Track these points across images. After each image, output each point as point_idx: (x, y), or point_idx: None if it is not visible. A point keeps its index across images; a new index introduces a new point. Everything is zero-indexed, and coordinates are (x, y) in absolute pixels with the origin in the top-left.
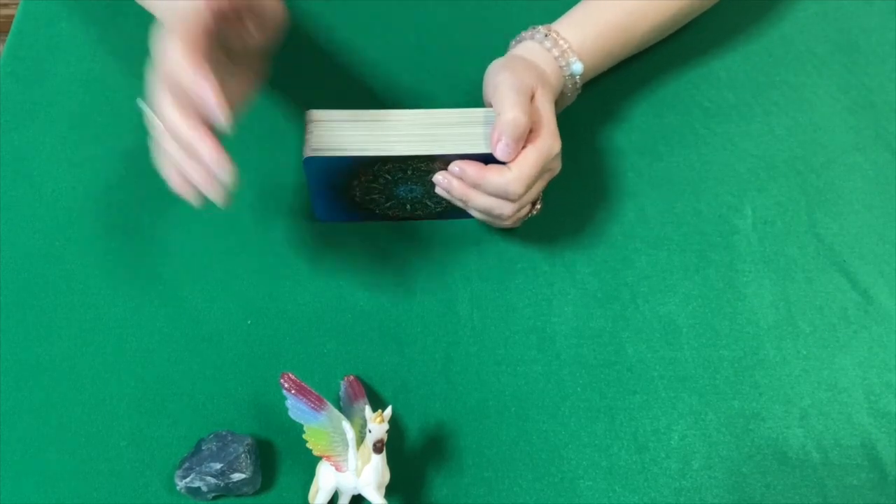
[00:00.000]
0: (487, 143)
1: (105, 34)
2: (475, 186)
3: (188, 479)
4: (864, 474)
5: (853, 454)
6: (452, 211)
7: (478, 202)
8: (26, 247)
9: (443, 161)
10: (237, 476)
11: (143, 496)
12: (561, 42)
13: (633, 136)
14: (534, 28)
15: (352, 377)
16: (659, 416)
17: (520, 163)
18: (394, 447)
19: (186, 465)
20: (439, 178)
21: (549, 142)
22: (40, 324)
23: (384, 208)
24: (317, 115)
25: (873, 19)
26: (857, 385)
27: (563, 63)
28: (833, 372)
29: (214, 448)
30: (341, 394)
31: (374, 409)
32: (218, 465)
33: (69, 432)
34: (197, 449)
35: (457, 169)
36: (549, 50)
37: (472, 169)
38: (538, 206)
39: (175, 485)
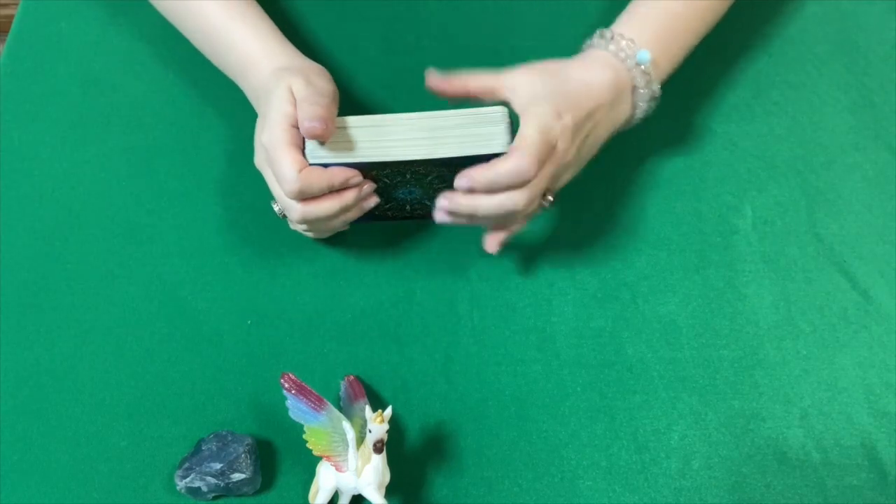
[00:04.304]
0: (488, 143)
1: (105, 34)
2: (489, 186)
3: (188, 479)
4: (864, 474)
5: (853, 454)
6: None
7: (489, 204)
8: (26, 247)
9: (441, 164)
10: (237, 476)
11: (143, 496)
12: (621, 40)
13: (633, 136)
14: (598, 32)
15: (352, 377)
16: (659, 416)
17: (521, 138)
18: (394, 447)
19: (186, 465)
20: (443, 205)
21: (542, 112)
22: (40, 324)
23: (383, 209)
24: None
25: (873, 19)
26: (857, 385)
27: (625, 56)
28: (833, 372)
29: (214, 448)
30: (341, 394)
31: (374, 409)
32: (218, 465)
33: (69, 432)
34: (197, 449)
35: (464, 181)
36: (611, 51)
37: (478, 170)
38: (550, 198)
39: (175, 485)
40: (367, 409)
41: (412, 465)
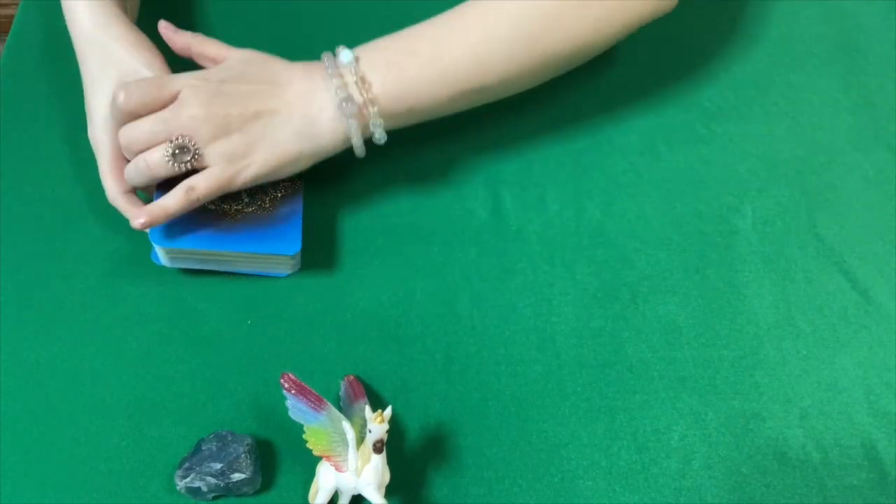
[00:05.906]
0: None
1: None
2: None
3: (188, 479)
4: (864, 474)
5: (853, 454)
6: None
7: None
8: (26, 247)
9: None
10: (237, 476)
11: (143, 496)
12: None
13: (633, 136)
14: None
15: (352, 377)
16: (659, 416)
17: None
18: (394, 447)
19: (186, 465)
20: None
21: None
22: (40, 324)
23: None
24: None
25: (873, 19)
26: (857, 385)
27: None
28: (833, 372)
29: (214, 448)
30: (341, 394)
31: (374, 409)
32: (218, 465)
33: (69, 432)
34: (197, 449)
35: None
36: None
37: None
38: (193, 184)
39: (175, 485)
40: (367, 409)
41: (412, 465)
